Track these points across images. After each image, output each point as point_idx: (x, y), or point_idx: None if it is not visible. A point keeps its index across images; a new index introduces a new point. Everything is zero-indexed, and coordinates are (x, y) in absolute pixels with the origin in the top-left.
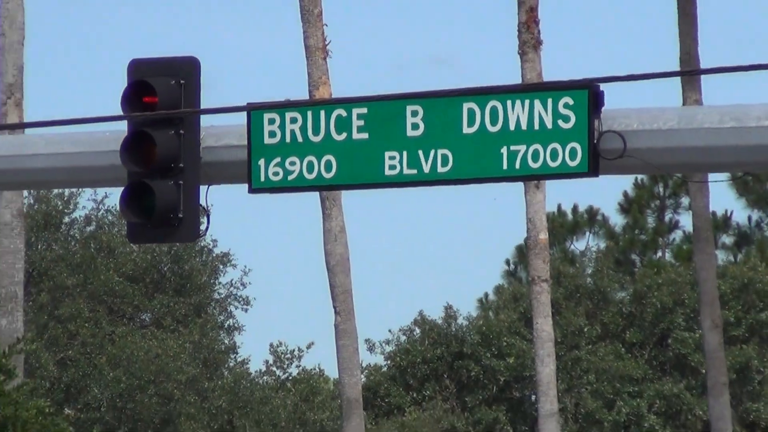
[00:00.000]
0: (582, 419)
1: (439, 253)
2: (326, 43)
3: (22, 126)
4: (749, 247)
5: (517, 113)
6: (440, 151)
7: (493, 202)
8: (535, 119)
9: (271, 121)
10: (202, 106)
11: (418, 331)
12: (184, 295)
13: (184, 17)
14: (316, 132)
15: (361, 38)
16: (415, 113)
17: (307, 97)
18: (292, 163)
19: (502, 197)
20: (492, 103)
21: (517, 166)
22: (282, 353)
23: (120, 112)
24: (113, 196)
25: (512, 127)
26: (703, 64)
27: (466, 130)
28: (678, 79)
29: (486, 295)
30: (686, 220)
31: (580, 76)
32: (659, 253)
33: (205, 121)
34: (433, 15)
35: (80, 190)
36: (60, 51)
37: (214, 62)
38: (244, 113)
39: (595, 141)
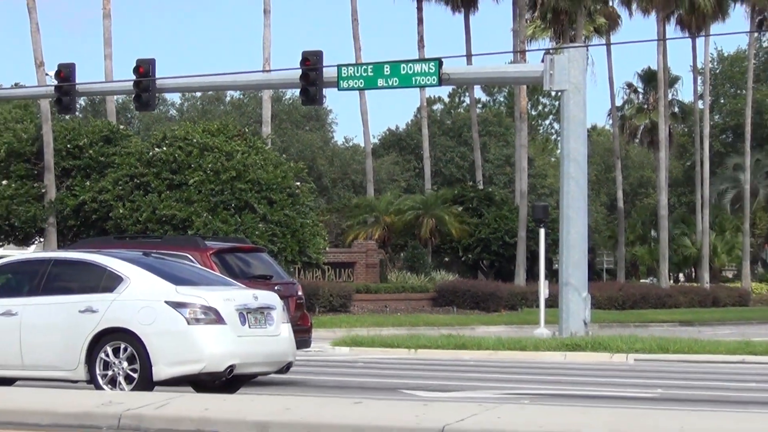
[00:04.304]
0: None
1: (400, 107)
2: (359, 43)
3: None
4: (490, 106)
5: (417, 67)
6: (393, 78)
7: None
8: (423, 68)
9: (346, 69)
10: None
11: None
12: (318, 121)
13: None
14: (358, 73)
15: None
16: (387, 68)
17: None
18: (351, 81)
19: (412, 94)
20: (410, 64)
21: (419, 83)
22: (347, 138)
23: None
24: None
25: (416, 71)
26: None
27: (402, 72)
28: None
29: (411, 120)
30: (468, 100)
31: (436, 56)
32: (460, 110)
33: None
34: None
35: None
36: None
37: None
38: (335, 66)
39: (441, 76)
